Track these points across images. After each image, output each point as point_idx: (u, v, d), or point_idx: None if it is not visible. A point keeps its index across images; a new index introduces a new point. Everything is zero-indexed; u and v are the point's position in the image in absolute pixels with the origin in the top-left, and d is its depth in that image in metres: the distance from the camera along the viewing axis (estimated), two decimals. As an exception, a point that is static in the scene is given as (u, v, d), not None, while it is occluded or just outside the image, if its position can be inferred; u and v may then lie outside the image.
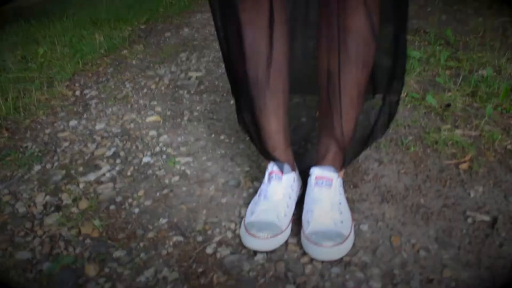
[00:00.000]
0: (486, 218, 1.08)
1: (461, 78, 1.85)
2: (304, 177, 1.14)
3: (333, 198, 1.02)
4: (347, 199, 1.16)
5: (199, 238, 1.08)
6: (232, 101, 1.80)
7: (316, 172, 1.06)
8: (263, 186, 1.09)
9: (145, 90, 1.99)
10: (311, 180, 1.06)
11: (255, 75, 1.00)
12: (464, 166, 1.29)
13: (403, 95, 1.74)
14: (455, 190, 1.19)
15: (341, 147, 1.05)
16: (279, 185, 1.05)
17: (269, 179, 1.08)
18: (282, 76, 1.04)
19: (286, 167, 1.08)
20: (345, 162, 1.10)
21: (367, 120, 1.08)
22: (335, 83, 0.98)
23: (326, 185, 1.03)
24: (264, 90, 1.02)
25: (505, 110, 1.59)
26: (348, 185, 1.23)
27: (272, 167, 1.09)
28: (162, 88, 1.99)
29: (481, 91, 1.73)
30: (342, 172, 1.12)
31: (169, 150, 1.48)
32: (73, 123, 1.76)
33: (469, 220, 1.07)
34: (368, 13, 0.93)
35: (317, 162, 1.09)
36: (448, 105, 1.62)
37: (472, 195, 1.17)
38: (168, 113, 1.74)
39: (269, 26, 0.96)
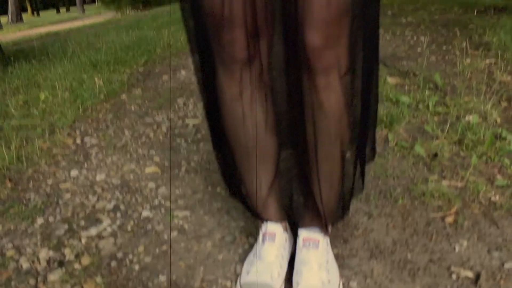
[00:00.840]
0: (470, 274, 1.13)
1: (448, 124, 1.93)
2: (296, 232, 1.19)
3: (321, 259, 1.08)
4: (338, 255, 1.22)
5: (197, 296, 1.13)
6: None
7: (303, 234, 1.12)
8: (257, 246, 1.15)
9: (143, 139, 2.06)
10: (299, 241, 1.12)
11: (245, 144, 1.07)
12: (449, 219, 1.35)
13: (392, 144, 1.81)
14: (440, 244, 1.25)
15: (322, 214, 1.10)
16: (272, 246, 1.11)
17: (263, 240, 1.13)
18: (272, 141, 1.10)
19: (278, 227, 1.14)
20: (329, 226, 1.14)
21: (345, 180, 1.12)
22: (306, 159, 1.04)
23: (313, 246, 1.09)
24: (253, 157, 1.08)
25: (490, 158, 1.66)
26: (339, 240, 1.28)
27: (265, 228, 1.14)
28: (160, 136, 2.06)
29: (467, 139, 1.80)
30: (329, 232, 1.17)
31: (168, 203, 1.54)
32: (74, 173, 1.82)
33: (453, 277, 1.13)
34: (344, 89, 0.96)
35: (304, 224, 1.15)
36: (436, 155, 1.69)
37: (457, 249, 1.22)
38: (166, 163, 1.81)
39: (253, 97, 1.03)
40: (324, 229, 1.12)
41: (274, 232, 1.13)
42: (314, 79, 0.94)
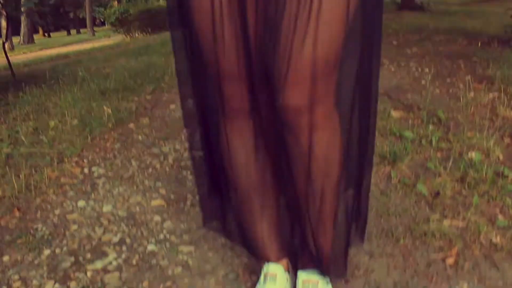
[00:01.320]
0: (469, 318, 1.15)
1: (451, 161, 1.95)
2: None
3: (320, 301, 1.10)
4: (339, 295, 1.23)
5: (199, 335, 1.15)
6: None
7: (302, 276, 1.14)
8: (258, 287, 1.17)
9: (150, 170, 2.09)
10: (298, 283, 1.13)
11: (247, 189, 1.10)
12: (450, 260, 1.36)
13: (395, 181, 1.83)
14: (441, 286, 1.26)
15: (317, 260, 1.10)
16: (273, 287, 1.13)
17: (264, 280, 1.15)
18: (273, 185, 1.13)
19: (280, 268, 1.16)
20: (328, 271, 1.16)
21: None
22: (298, 206, 1.05)
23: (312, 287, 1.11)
24: (255, 201, 1.11)
25: (491, 197, 1.68)
26: (340, 280, 1.30)
27: (266, 268, 1.16)
28: (167, 168, 2.10)
29: (470, 176, 1.82)
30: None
31: (173, 237, 1.56)
32: (81, 203, 1.85)
33: (453, 320, 1.14)
34: (332, 145, 0.95)
35: (303, 266, 1.16)
36: (438, 193, 1.71)
37: (457, 292, 1.24)
38: (172, 196, 1.83)
39: (255, 148, 1.06)
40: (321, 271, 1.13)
41: (275, 273, 1.15)
42: (297, 138, 0.92)
